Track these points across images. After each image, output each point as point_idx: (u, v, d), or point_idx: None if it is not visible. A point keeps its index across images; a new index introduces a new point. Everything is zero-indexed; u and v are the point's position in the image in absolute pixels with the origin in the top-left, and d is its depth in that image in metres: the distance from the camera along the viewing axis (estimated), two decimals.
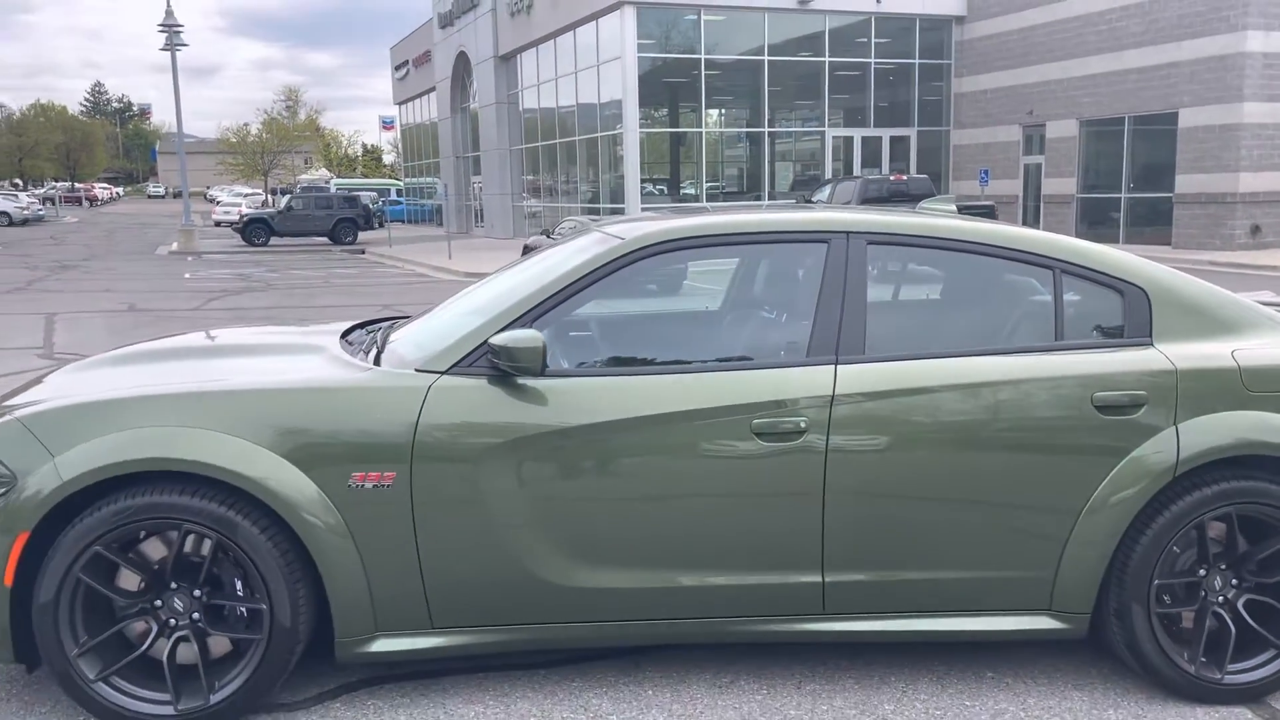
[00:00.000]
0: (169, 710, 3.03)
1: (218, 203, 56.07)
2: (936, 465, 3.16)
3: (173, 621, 3.07)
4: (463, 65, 38.38)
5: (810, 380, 3.15)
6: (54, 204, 61.03)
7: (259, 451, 2.98)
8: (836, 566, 3.19)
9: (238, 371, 3.34)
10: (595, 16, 27.28)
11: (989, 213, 19.63)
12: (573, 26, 28.74)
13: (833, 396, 3.13)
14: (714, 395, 3.13)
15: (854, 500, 3.14)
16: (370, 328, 4.11)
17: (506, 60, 34.32)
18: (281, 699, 3.23)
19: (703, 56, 27.29)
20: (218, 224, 46.33)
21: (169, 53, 32.23)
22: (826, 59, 28.49)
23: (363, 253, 30.23)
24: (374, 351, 3.51)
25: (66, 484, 2.94)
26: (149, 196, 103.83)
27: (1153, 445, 3.16)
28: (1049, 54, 26.97)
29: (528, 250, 19.09)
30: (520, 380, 3.11)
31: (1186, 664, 3.24)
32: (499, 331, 3.13)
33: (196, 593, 3.06)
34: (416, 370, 3.17)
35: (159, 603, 3.07)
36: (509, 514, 3.08)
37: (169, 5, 31.91)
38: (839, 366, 3.17)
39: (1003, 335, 3.36)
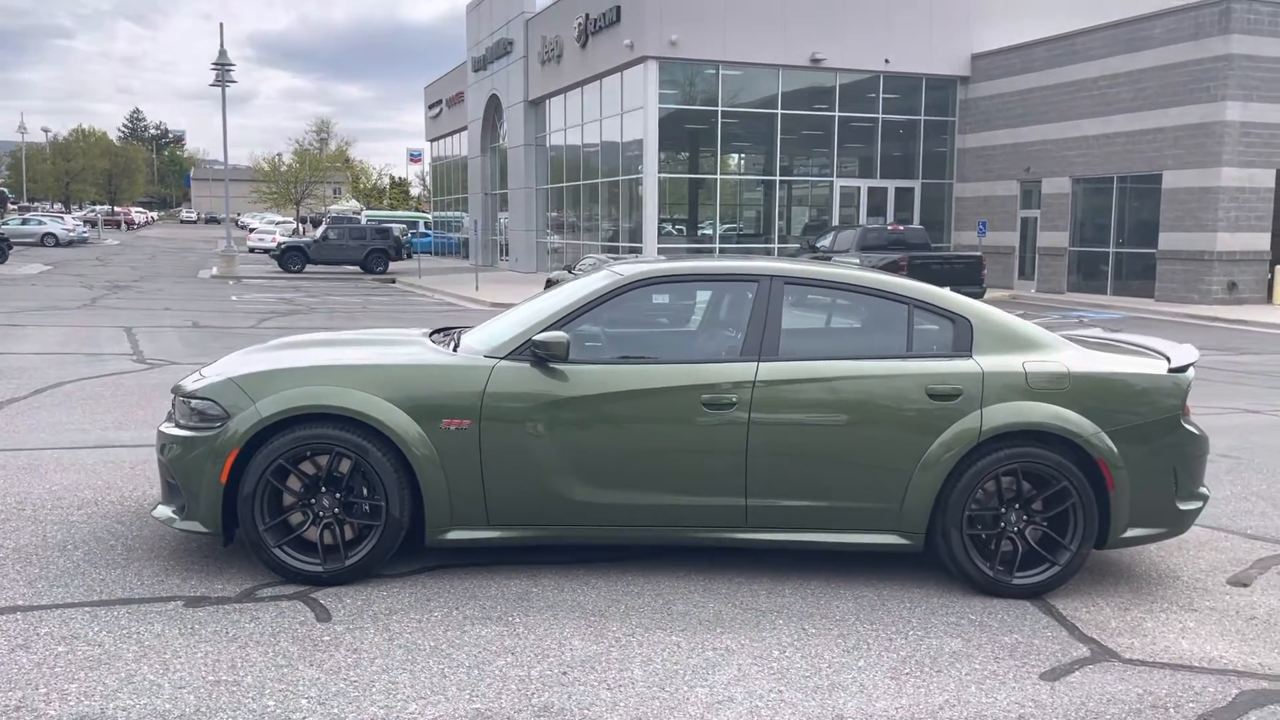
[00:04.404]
0: (319, 569, 4.70)
1: (251, 230, 58.30)
2: (823, 430, 4.81)
3: (321, 513, 4.74)
4: (494, 107, 40.55)
5: (740, 371, 4.82)
6: (96, 227, 63.58)
7: (386, 404, 4.67)
8: (755, 494, 4.83)
9: (369, 354, 5.04)
10: (620, 68, 29.29)
11: (976, 263, 21.27)
12: (599, 77, 30.77)
13: (754, 382, 4.80)
14: (678, 378, 4.80)
15: (768, 451, 4.79)
16: (445, 331, 5.82)
17: (536, 104, 36.43)
18: (388, 571, 4.90)
19: (719, 108, 29.22)
20: (252, 250, 48.53)
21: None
22: (836, 113, 30.38)
23: (393, 282, 32.13)
24: (452, 344, 5.22)
25: (263, 419, 4.63)
26: (181, 221, 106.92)
27: (965, 422, 4.80)
28: (1045, 115, 28.77)
29: (550, 284, 20.86)
30: (552, 364, 4.79)
31: (988, 570, 4.86)
32: (540, 332, 4.83)
33: (338, 495, 4.74)
34: (485, 356, 4.87)
35: (313, 500, 4.74)
36: (541, 451, 4.75)
37: (222, 45, 34.22)
38: (760, 363, 4.85)
39: (871, 347, 5.03)
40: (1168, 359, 5.10)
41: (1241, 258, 24.51)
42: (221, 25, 35.66)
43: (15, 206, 71.71)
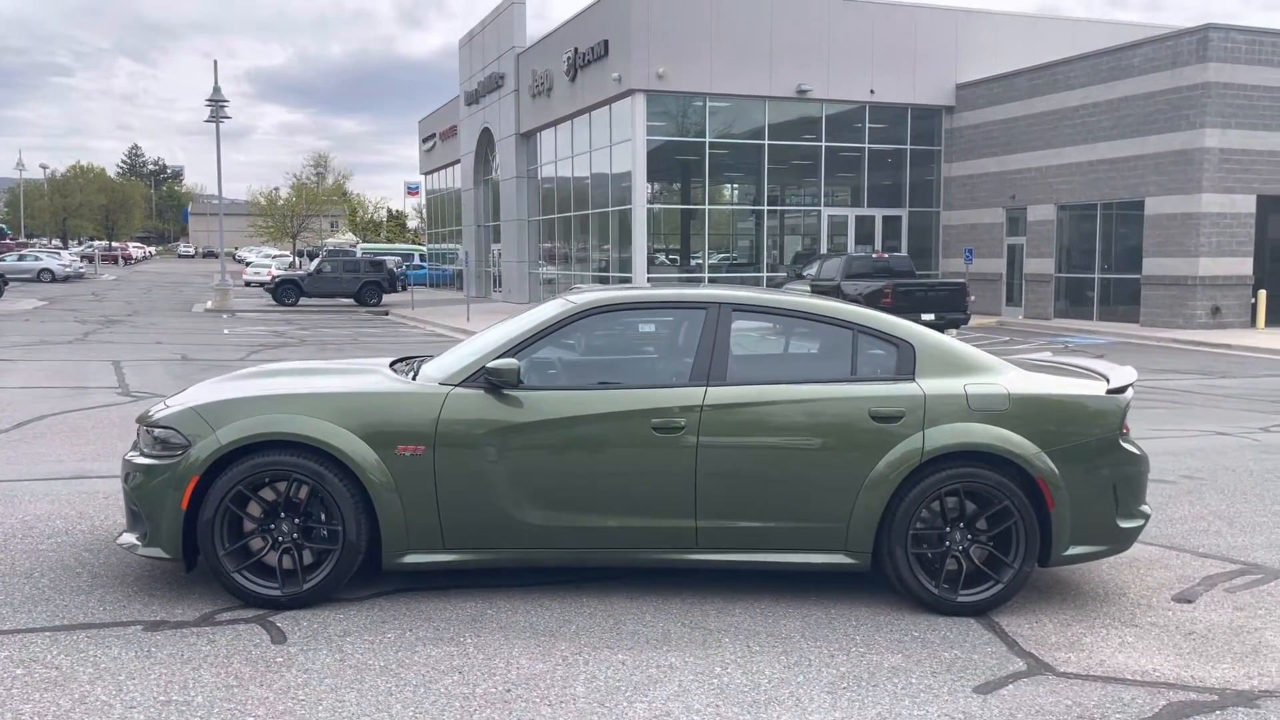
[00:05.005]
0: (278, 593, 4.81)
1: (248, 264, 58.57)
2: (769, 451, 4.94)
3: (280, 539, 4.86)
4: (486, 140, 40.92)
5: (689, 395, 4.95)
6: (93, 262, 63.89)
7: (343, 431, 4.80)
8: (705, 516, 4.95)
9: (327, 383, 5.18)
10: (609, 101, 29.63)
11: (960, 290, 21.43)
12: (588, 109, 31.10)
13: (702, 406, 4.93)
14: (628, 403, 4.94)
15: (716, 473, 4.92)
16: (406, 360, 5.95)
17: (527, 137, 36.79)
18: (345, 595, 5.00)
19: (708, 139, 29.53)
20: (248, 284, 48.72)
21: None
22: (823, 143, 30.70)
23: (386, 314, 32.30)
24: (411, 373, 5.36)
25: (223, 447, 4.76)
26: (179, 256, 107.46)
27: (908, 443, 4.92)
28: (1029, 144, 29.10)
29: None
30: (504, 390, 4.93)
31: (933, 588, 4.97)
32: (493, 360, 4.96)
33: (296, 520, 4.85)
34: (440, 384, 5.01)
35: (272, 526, 4.86)
36: (494, 475, 4.87)
37: (216, 82, 34.62)
38: (708, 387, 4.98)
39: (816, 371, 5.17)
40: (1107, 380, 5.24)
41: (1224, 282, 24.71)
42: (215, 62, 36.05)
43: (14, 243, 72.00)
